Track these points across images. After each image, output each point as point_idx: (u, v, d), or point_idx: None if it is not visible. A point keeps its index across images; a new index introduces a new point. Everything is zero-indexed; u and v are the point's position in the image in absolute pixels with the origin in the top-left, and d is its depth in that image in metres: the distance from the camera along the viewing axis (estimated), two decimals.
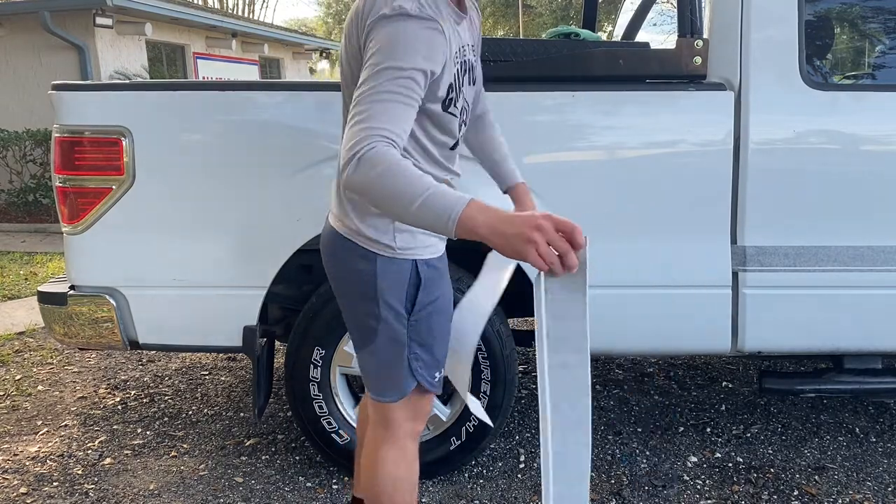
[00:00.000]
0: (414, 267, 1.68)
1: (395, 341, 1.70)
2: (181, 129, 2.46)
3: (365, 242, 1.65)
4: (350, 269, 1.69)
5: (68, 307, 2.50)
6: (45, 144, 8.74)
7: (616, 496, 2.51)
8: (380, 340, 1.70)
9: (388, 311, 1.67)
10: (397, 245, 1.65)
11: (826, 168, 2.42)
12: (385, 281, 1.66)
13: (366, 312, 1.69)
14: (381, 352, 1.72)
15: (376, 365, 1.74)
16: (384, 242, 1.64)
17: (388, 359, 1.72)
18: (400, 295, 1.68)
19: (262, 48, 14.14)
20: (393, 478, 1.80)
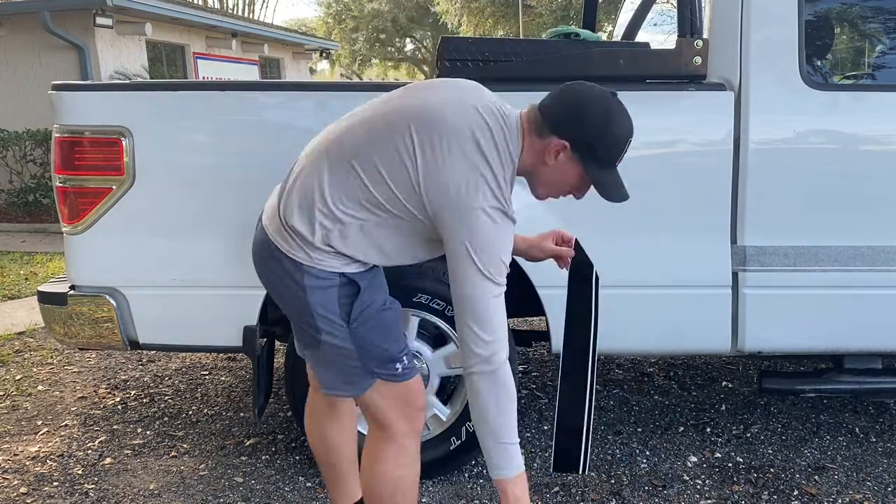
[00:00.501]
0: (342, 277, 1.72)
1: (333, 346, 1.75)
2: (181, 129, 2.46)
3: (290, 252, 1.70)
4: (284, 281, 1.73)
5: (68, 307, 2.50)
6: (45, 144, 8.74)
7: (616, 496, 2.51)
8: (323, 346, 1.76)
9: (323, 316, 1.72)
10: (317, 259, 1.70)
11: (826, 168, 2.42)
12: (315, 292, 1.71)
13: (303, 316, 1.75)
14: (324, 356, 1.79)
15: (320, 363, 1.82)
16: (311, 256, 1.69)
17: (330, 360, 1.79)
18: (332, 303, 1.72)
19: (262, 48, 14.14)
20: (393, 476, 1.81)
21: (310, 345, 1.80)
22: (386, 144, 1.64)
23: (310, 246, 1.68)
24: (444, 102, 1.67)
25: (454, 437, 2.56)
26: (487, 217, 1.59)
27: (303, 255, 1.69)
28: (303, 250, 1.69)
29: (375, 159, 1.64)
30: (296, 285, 1.70)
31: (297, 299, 1.72)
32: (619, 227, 2.43)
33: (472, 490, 2.57)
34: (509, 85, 2.41)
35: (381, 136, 1.65)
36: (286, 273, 1.72)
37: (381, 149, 1.64)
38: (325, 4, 33.69)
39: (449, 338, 2.51)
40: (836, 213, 2.42)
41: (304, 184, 1.70)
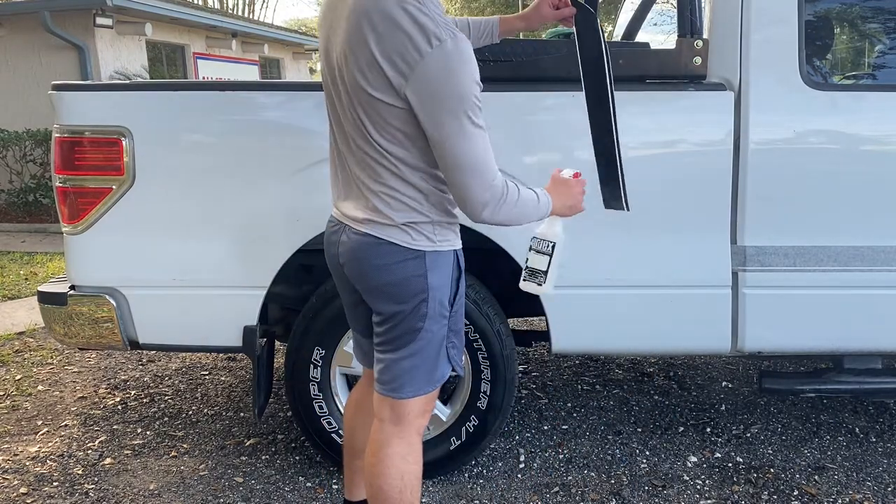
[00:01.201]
0: (455, 258, 1.75)
1: (436, 337, 1.75)
2: (181, 129, 2.46)
3: (409, 242, 1.69)
4: (397, 272, 1.70)
5: (68, 307, 2.50)
6: (45, 144, 8.73)
7: (616, 496, 2.51)
8: (422, 340, 1.74)
9: (436, 307, 1.72)
10: (437, 238, 1.71)
11: (826, 168, 2.42)
12: (435, 277, 1.71)
13: (414, 314, 1.72)
14: (422, 351, 1.76)
15: (411, 364, 1.77)
16: (427, 237, 1.70)
17: (429, 356, 1.76)
18: (447, 290, 1.73)
19: (262, 48, 14.14)
20: (401, 472, 1.82)
21: (404, 341, 1.75)
22: (352, 76, 1.63)
23: (418, 223, 1.68)
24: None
25: (454, 437, 2.56)
26: (442, 54, 1.53)
27: (422, 239, 1.69)
28: (420, 233, 1.69)
29: (364, 88, 1.61)
30: (418, 269, 1.69)
31: (415, 286, 1.70)
32: (620, 227, 2.43)
33: (472, 490, 2.57)
34: (509, 85, 2.41)
35: (346, 75, 1.65)
36: (405, 262, 1.69)
37: (355, 82, 1.63)
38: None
39: None
40: (836, 213, 2.42)
41: (361, 175, 1.70)
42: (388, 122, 1.63)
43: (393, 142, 1.65)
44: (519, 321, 4.17)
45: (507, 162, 2.39)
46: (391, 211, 1.68)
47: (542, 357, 3.90)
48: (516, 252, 2.42)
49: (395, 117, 1.61)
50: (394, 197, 1.68)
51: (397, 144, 1.65)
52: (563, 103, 2.41)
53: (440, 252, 1.72)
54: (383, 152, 1.66)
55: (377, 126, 1.64)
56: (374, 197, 1.69)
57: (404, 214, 1.69)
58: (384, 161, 1.67)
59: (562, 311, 2.46)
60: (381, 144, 1.65)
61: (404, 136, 1.64)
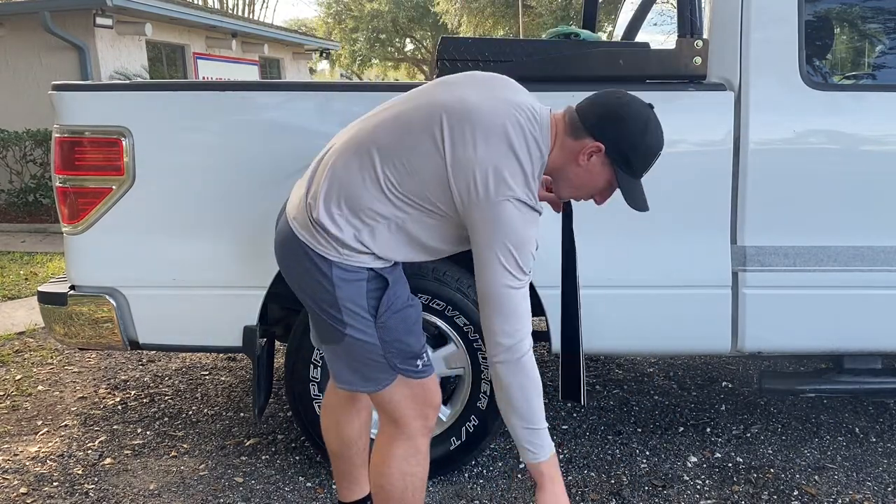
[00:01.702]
0: (371, 272, 1.73)
1: (362, 345, 1.75)
2: (181, 129, 2.46)
3: (322, 251, 1.70)
4: (311, 275, 1.72)
5: (68, 307, 2.50)
6: (45, 144, 8.73)
7: (616, 496, 2.51)
8: (345, 344, 1.76)
9: (353, 317, 1.73)
10: (344, 257, 1.71)
11: (826, 168, 2.42)
12: (343, 289, 1.71)
13: (331, 317, 1.74)
14: (348, 353, 1.78)
15: (337, 360, 1.81)
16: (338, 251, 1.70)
17: (356, 359, 1.78)
18: (361, 301, 1.73)
19: (262, 48, 14.14)
20: (403, 472, 1.82)
21: (330, 339, 1.79)
22: (418, 137, 1.64)
23: (339, 242, 1.68)
24: (478, 96, 1.68)
25: (454, 437, 2.56)
26: (515, 209, 1.59)
27: (332, 251, 1.69)
28: (332, 246, 1.69)
29: (407, 152, 1.64)
30: (324, 279, 1.70)
31: (325, 293, 1.71)
32: (620, 227, 2.43)
33: (472, 490, 2.57)
34: None
35: (414, 128, 1.66)
36: (314, 267, 1.71)
37: (413, 141, 1.65)
38: (325, 4, 33.70)
39: (449, 338, 2.51)
40: (836, 213, 2.42)
41: (334, 180, 1.70)
42: (424, 186, 1.64)
43: (413, 205, 1.67)
44: None
45: None
46: (324, 232, 1.69)
47: (542, 357, 3.90)
48: None
49: (441, 197, 1.64)
50: (343, 230, 1.68)
51: (416, 209, 1.67)
52: (563, 103, 2.41)
53: (346, 265, 1.70)
54: (392, 201, 1.67)
55: (411, 177, 1.65)
56: (323, 212, 1.69)
57: (338, 244, 1.69)
58: (382, 208, 1.67)
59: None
60: (400, 193, 1.66)
61: (435, 217, 1.68)
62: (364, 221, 1.68)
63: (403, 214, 1.68)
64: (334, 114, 2.43)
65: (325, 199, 1.70)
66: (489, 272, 1.62)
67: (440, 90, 1.74)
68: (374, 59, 34.81)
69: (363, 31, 31.86)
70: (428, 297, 2.43)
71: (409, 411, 1.82)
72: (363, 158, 1.68)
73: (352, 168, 1.69)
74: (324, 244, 1.69)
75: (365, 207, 1.67)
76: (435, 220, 1.69)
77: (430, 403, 1.86)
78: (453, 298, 2.44)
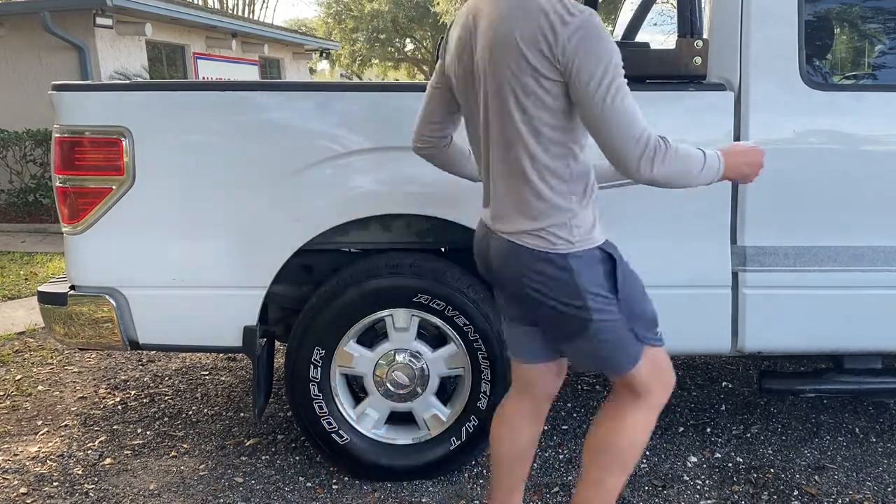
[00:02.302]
0: (601, 252, 1.76)
1: (613, 325, 1.77)
2: (181, 129, 2.46)
3: (550, 247, 1.72)
4: (548, 276, 1.73)
5: (68, 307, 2.50)
6: (45, 144, 8.73)
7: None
8: (595, 327, 1.76)
9: (598, 300, 1.74)
10: (576, 239, 1.73)
11: (826, 168, 2.42)
12: (584, 276, 1.73)
13: (578, 308, 1.74)
14: (600, 337, 1.78)
15: (596, 351, 1.82)
16: (567, 239, 1.72)
17: (612, 340, 1.79)
18: (602, 283, 1.75)
19: (262, 48, 14.14)
20: (632, 440, 1.88)
21: (575, 333, 1.78)
22: (507, 68, 1.66)
23: (563, 226, 1.71)
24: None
25: (454, 437, 2.56)
26: (594, 28, 1.61)
27: (563, 242, 1.71)
28: (561, 237, 1.71)
29: (515, 90, 1.66)
30: (563, 273, 1.71)
31: (566, 287, 1.72)
32: (619, 227, 2.43)
33: (472, 490, 2.57)
34: None
35: (498, 71, 1.68)
36: (550, 266, 1.72)
37: (509, 75, 1.66)
38: (325, 4, 33.70)
39: (449, 338, 2.51)
40: (836, 214, 2.42)
41: (508, 172, 1.73)
42: (536, 111, 1.66)
43: (536, 135, 1.68)
44: None
45: None
46: (529, 219, 1.72)
47: None
48: None
49: (544, 98, 1.65)
50: (530, 203, 1.72)
51: (542, 136, 1.68)
52: None
53: (581, 252, 1.73)
54: (526, 154, 1.69)
55: (525, 123, 1.67)
56: (514, 206, 1.73)
57: (542, 219, 1.72)
58: (525, 165, 1.70)
59: None
60: (526, 143, 1.68)
61: (552, 125, 1.68)
62: (559, 180, 1.71)
63: (564, 141, 1.70)
64: (334, 114, 2.43)
65: (519, 194, 1.72)
66: (600, 94, 1.61)
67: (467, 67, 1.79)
68: (374, 59, 34.82)
69: (363, 31, 31.86)
70: (428, 297, 2.43)
71: (655, 381, 1.85)
72: (506, 135, 1.71)
73: (509, 152, 1.72)
74: (553, 239, 1.71)
75: (549, 167, 1.70)
76: (568, 119, 1.70)
77: (671, 375, 1.90)
78: (453, 298, 2.44)
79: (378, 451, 2.58)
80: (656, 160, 1.66)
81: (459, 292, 2.45)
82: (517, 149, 1.70)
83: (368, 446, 2.58)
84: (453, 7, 25.76)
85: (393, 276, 2.45)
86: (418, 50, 35.15)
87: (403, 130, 2.42)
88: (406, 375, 2.52)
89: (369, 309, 2.48)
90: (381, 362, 2.53)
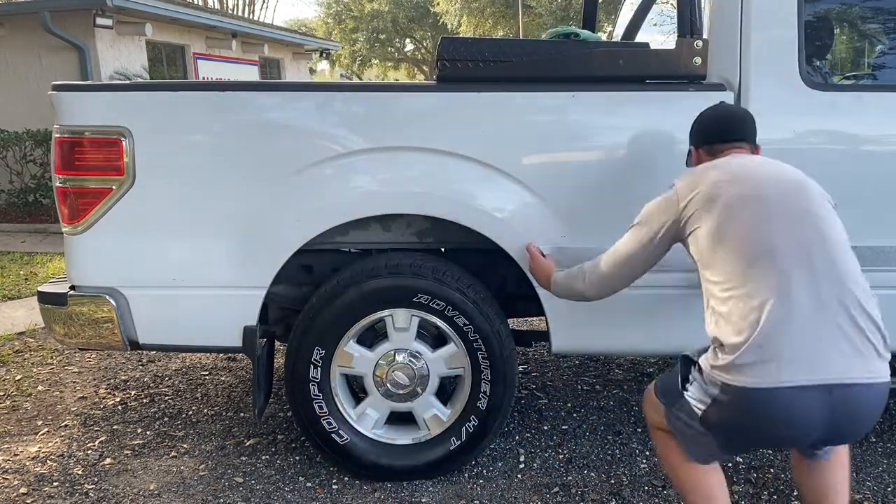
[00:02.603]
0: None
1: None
2: (181, 129, 2.46)
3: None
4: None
5: (68, 307, 2.50)
6: (45, 144, 8.73)
7: (616, 496, 2.51)
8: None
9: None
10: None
11: (825, 168, 2.41)
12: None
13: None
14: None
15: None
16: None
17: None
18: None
19: (262, 48, 14.13)
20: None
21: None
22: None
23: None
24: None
25: (454, 437, 2.56)
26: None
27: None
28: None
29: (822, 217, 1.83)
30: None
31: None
32: (619, 227, 2.43)
33: (472, 490, 2.57)
34: (509, 85, 2.41)
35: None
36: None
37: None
38: (325, 4, 33.72)
39: (449, 338, 2.51)
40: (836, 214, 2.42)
41: (838, 298, 1.72)
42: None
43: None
44: (519, 321, 4.17)
45: (507, 163, 2.40)
46: (884, 345, 1.73)
47: (542, 357, 3.90)
48: (516, 252, 2.42)
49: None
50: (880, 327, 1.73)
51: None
52: (563, 104, 2.41)
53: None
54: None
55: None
56: (872, 335, 1.70)
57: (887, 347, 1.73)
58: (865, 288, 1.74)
59: (561, 312, 2.46)
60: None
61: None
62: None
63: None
64: (334, 114, 2.43)
65: (867, 330, 1.71)
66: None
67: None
68: (373, 60, 34.82)
69: (363, 31, 31.87)
70: (428, 297, 2.44)
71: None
72: (823, 255, 1.76)
73: (827, 276, 1.74)
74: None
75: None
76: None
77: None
78: (453, 298, 2.44)
79: (378, 451, 2.58)
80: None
81: (459, 292, 2.45)
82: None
83: (368, 446, 2.58)
84: (453, 7, 25.77)
85: (393, 276, 2.45)
86: (418, 50, 35.16)
87: (403, 130, 2.43)
88: (406, 375, 2.52)
89: (369, 309, 2.48)
90: (381, 362, 2.53)
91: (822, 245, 1.76)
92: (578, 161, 2.43)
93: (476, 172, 2.40)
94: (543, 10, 24.18)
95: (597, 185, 2.42)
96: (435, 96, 2.46)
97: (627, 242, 2.08)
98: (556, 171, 2.42)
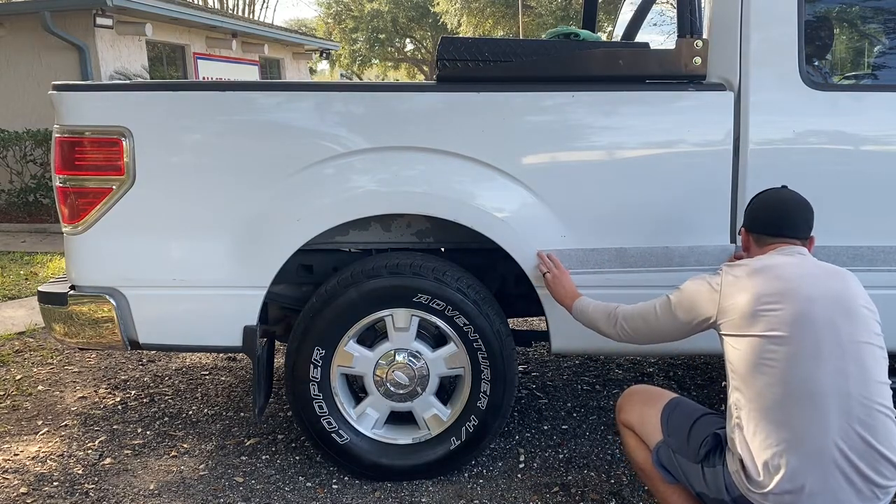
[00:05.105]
0: None
1: None
2: (181, 129, 2.46)
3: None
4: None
5: (69, 307, 2.50)
6: (45, 144, 8.74)
7: (616, 496, 2.51)
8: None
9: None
10: None
11: (825, 168, 2.42)
12: None
13: None
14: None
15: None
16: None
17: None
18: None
19: (262, 48, 14.14)
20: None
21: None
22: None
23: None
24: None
25: (454, 437, 2.56)
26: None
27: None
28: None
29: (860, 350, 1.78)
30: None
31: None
32: (619, 227, 2.43)
33: (472, 490, 2.57)
34: (509, 85, 2.41)
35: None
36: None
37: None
38: (325, 4, 33.70)
39: (449, 338, 2.51)
40: (836, 214, 2.42)
41: (868, 444, 1.73)
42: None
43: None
44: (519, 321, 4.17)
45: (507, 163, 2.40)
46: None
47: (542, 357, 3.90)
48: (516, 252, 2.42)
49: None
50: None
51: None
52: (563, 104, 2.41)
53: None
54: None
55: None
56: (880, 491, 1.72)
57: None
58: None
59: (561, 312, 2.46)
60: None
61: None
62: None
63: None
64: (334, 114, 2.43)
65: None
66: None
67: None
68: (374, 60, 34.81)
69: (363, 31, 31.87)
70: (428, 297, 2.44)
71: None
72: (855, 398, 1.74)
73: (849, 421, 1.73)
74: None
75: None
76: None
77: None
78: (453, 298, 2.44)
79: (378, 450, 2.58)
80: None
81: (459, 292, 2.45)
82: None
83: (368, 446, 2.58)
84: (453, 7, 25.77)
85: (393, 276, 2.45)
86: (418, 50, 35.15)
87: (404, 130, 2.43)
88: (406, 375, 2.52)
89: (369, 309, 2.48)
90: (381, 362, 2.53)
91: (864, 386, 1.75)
92: (578, 161, 2.43)
93: (476, 172, 2.40)
94: (543, 10, 24.18)
95: (597, 185, 2.42)
96: (435, 96, 2.46)
97: (666, 319, 2.07)
98: (557, 171, 2.42)
